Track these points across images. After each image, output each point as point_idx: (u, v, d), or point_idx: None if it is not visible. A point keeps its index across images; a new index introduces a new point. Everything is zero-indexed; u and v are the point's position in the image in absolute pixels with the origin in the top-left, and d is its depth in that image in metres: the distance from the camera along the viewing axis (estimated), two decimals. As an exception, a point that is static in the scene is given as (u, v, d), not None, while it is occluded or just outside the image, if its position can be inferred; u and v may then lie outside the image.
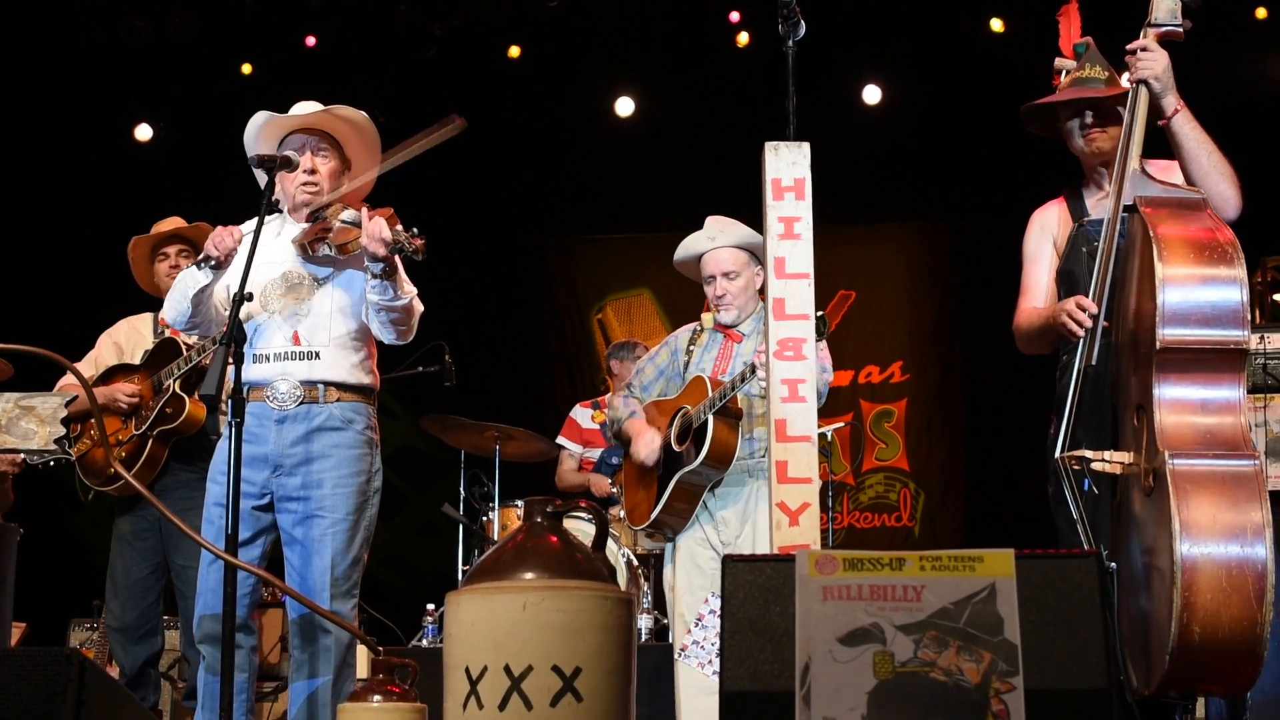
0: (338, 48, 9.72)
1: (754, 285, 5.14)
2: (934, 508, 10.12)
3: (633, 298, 10.55)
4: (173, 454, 5.69)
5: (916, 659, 2.58)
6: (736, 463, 4.93)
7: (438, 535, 9.01)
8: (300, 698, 4.37)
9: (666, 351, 5.34)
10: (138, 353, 5.90)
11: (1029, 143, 4.68)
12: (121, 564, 5.81)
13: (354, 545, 4.43)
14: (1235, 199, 3.99)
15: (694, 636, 4.91)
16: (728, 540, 4.94)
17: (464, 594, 2.70)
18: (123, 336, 6.01)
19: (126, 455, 5.64)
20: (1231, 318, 3.57)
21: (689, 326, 5.37)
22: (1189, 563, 3.34)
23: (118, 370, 5.84)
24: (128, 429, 5.69)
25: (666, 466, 5.07)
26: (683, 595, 5.02)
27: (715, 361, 5.12)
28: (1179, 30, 4.05)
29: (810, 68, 3.91)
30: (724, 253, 5.14)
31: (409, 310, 4.47)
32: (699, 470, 4.93)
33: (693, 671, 4.87)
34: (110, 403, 5.64)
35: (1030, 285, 4.45)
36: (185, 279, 4.47)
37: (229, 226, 4.36)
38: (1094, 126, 4.23)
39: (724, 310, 5.16)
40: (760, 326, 5.10)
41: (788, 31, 3.75)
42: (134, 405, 5.68)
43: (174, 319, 4.58)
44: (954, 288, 10.20)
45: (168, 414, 5.63)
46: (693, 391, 5.06)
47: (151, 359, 5.79)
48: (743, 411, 4.95)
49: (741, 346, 5.10)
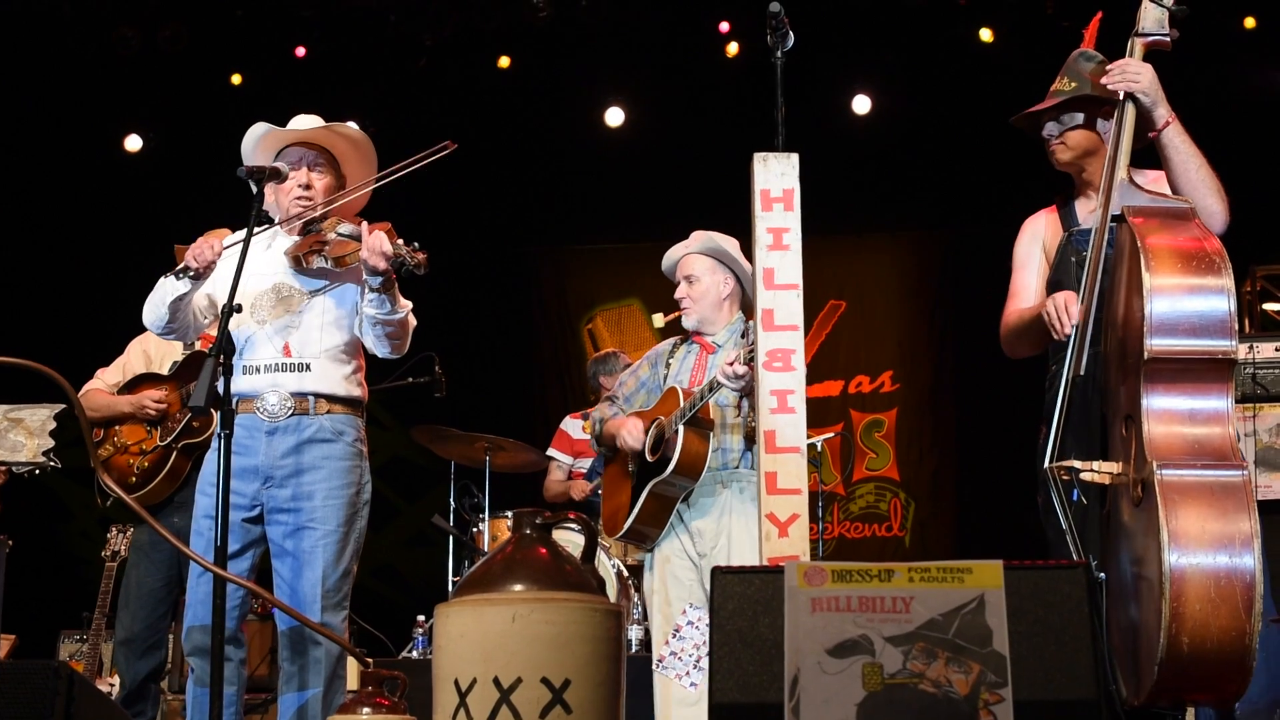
0: (328, 58, 9.71)
1: (720, 294, 5.13)
2: (924, 517, 10.13)
3: (623, 308, 10.55)
4: (195, 467, 5.64)
5: (905, 670, 2.58)
6: (708, 473, 4.92)
7: (428, 546, 9.01)
8: (290, 710, 4.36)
9: (648, 364, 5.35)
10: (166, 363, 5.84)
11: (1019, 152, 4.70)
12: (136, 574, 5.76)
13: (344, 557, 4.43)
14: (1222, 214, 4.01)
15: (671, 647, 4.91)
16: (704, 551, 4.94)
17: (453, 606, 2.70)
18: (153, 345, 5.93)
19: (149, 465, 5.60)
20: (1219, 327, 3.56)
21: (671, 340, 5.37)
22: (1177, 573, 3.34)
23: (145, 379, 5.76)
24: (152, 439, 5.65)
25: (640, 477, 5.07)
26: (660, 607, 5.02)
27: (691, 373, 5.12)
28: (1166, 40, 4.07)
29: (799, 78, 3.93)
30: (689, 258, 5.17)
31: (404, 324, 4.48)
32: (670, 480, 4.92)
33: (671, 682, 4.87)
34: (138, 410, 5.61)
35: (1018, 289, 4.47)
36: (164, 287, 4.46)
37: (210, 237, 4.36)
38: (1054, 138, 4.28)
39: (684, 315, 5.18)
40: (734, 338, 5.11)
41: (777, 42, 3.75)
42: (161, 414, 5.65)
43: (150, 324, 4.56)
44: (944, 297, 10.22)
45: (194, 427, 5.59)
46: (666, 402, 5.06)
47: (181, 370, 5.73)
48: (714, 422, 4.94)
49: (715, 358, 5.09)
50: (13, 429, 4.18)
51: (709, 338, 5.17)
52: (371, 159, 4.66)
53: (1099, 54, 4.24)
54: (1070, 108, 4.24)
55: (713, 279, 5.14)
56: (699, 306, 5.15)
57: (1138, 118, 4.02)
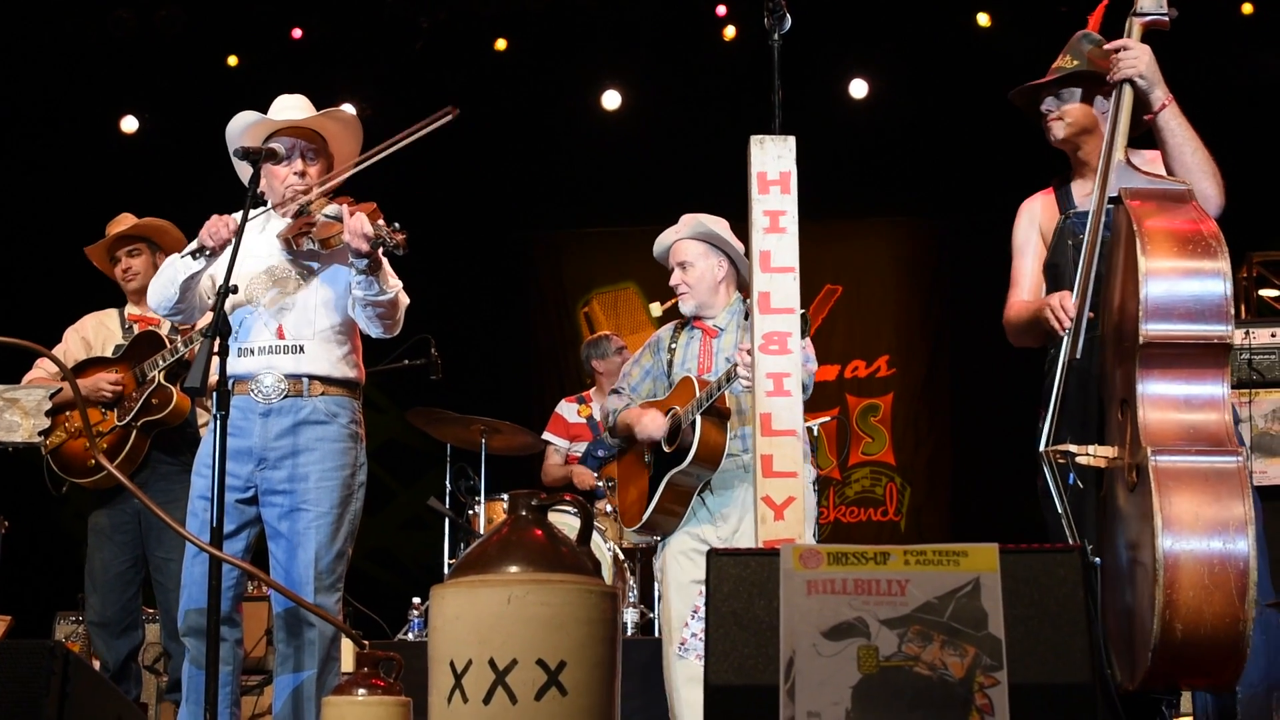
0: (324, 40, 9.69)
1: (715, 277, 5.13)
2: (920, 502, 10.13)
3: (619, 291, 10.54)
4: (155, 445, 5.67)
5: (901, 653, 2.58)
6: (728, 459, 4.93)
7: (423, 529, 9.01)
8: (285, 691, 4.36)
9: (650, 352, 5.34)
10: (108, 347, 5.86)
11: (1016, 137, 4.69)
12: (100, 558, 5.78)
13: (339, 539, 4.43)
14: (1217, 198, 4.00)
15: (691, 629, 4.91)
16: (725, 536, 4.93)
17: (449, 588, 2.70)
18: (90, 331, 5.96)
19: (108, 447, 5.61)
20: (1215, 312, 3.56)
21: (670, 325, 5.37)
22: (1171, 559, 3.35)
23: (93, 363, 5.78)
24: (108, 420, 5.66)
25: (657, 467, 5.07)
26: (678, 590, 5.01)
27: (699, 359, 5.11)
28: (1165, 19, 4.05)
29: (796, 61, 3.92)
30: (681, 244, 5.17)
31: (394, 304, 4.47)
32: (688, 470, 4.92)
33: (689, 664, 4.85)
34: (93, 393, 5.61)
35: (1019, 277, 4.46)
36: (175, 265, 4.45)
37: (224, 216, 4.34)
38: (1052, 113, 4.26)
39: (681, 301, 5.18)
40: (737, 320, 5.11)
41: (774, 25, 3.74)
42: (117, 396, 5.65)
43: (157, 305, 4.56)
44: (940, 282, 10.22)
45: (153, 404, 5.61)
46: (681, 392, 5.05)
47: (130, 351, 5.76)
48: (730, 410, 4.94)
49: (720, 341, 5.09)
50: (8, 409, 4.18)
51: (709, 321, 5.16)
52: (359, 137, 4.65)
53: (1101, 37, 4.23)
54: (1069, 83, 4.23)
55: (706, 263, 5.13)
56: (696, 292, 5.14)
57: (1135, 99, 4.01)
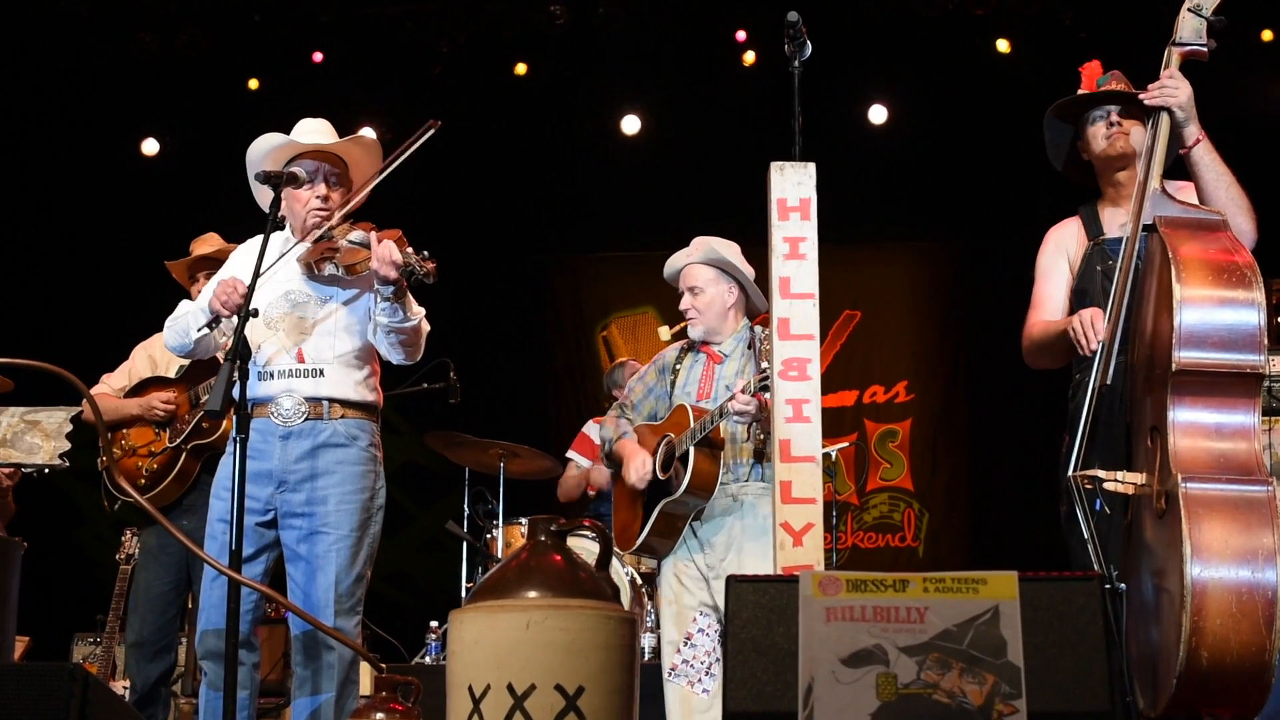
0: (345, 64, 9.73)
1: (725, 303, 5.12)
2: (938, 528, 10.10)
3: (637, 316, 10.55)
4: (205, 468, 5.65)
5: (920, 681, 2.57)
6: (721, 489, 4.92)
7: (442, 552, 9.00)
8: (303, 714, 4.36)
9: (654, 370, 5.34)
10: (172, 366, 5.85)
11: (1035, 163, 4.68)
12: (144, 577, 5.76)
13: (358, 562, 4.43)
14: (1251, 233, 4.00)
15: (683, 655, 4.91)
16: (713, 564, 4.94)
17: (467, 612, 2.70)
18: (157, 350, 5.95)
19: (158, 467, 5.62)
20: (1248, 341, 3.55)
21: (676, 345, 5.37)
22: (1199, 587, 3.33)
23: (152, 382, 5.79)
24: (160, 440, 5.67)
25: (652, 493, 5.07)
26: (673, 616, 5.02)
27: (699, 384, 5.11)
28: (1204, 50, 4.05)
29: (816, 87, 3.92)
30: (691, 268, 5.16)
31: (417, 331, 4.48)
32: (681, 499, 4.93)
33: (684, 690, 4.87)
34: (147, 412, 5.63)
35: (1041, 299, 4.45)
36: (191, 317, 4.46)
37: (233, 280, 4.30)
38: (1118, 125, 4.26)
39: (691, 325, 5.17)
40: (741, 348, 5.10)
41: (794, 51, 3.75)
42: (170, 416, 5.67)
43: (173, 348, 4.59)
44: (959, 307, 10.20)
45: (203, 428, 5.61)
46: (676, 419, 5.05)
47: (189, 372, 5.75)
48: (724, 441, 4.94)
49: (723, 368, 5.08)
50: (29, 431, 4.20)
51: (715, 347, 5.16)
52: (379, 162, 4.65)
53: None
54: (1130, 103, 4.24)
55: (716, 289, 5.12)
56: (705, 317, 5.13)
57: (1171, 132, 4.02)
